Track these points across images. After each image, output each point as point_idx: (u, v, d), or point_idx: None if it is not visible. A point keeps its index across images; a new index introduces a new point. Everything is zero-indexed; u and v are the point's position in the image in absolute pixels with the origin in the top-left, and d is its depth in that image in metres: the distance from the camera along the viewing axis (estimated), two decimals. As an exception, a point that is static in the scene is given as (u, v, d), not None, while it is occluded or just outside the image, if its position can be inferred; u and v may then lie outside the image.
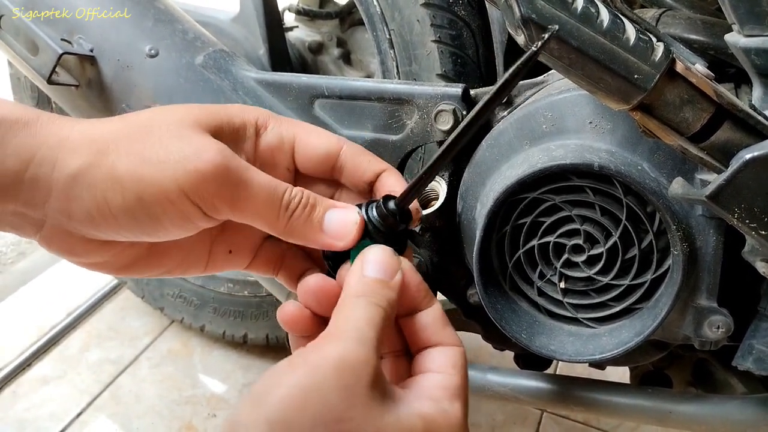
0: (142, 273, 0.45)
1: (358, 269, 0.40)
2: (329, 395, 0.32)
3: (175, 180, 0.38)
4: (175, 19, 0.70)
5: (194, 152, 0.39)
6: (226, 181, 0.39)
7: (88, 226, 0.39)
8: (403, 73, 0.76)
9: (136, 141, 0.39)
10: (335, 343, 0.34)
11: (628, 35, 0.38)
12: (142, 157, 0.38)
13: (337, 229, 0.43)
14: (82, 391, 1.27)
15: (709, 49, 0.53)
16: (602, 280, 0.54)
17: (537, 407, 1.22)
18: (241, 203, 0.40)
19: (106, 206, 0.38)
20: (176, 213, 0.39)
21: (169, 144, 0.39)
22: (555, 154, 0.51)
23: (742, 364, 0.54)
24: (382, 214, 0.43)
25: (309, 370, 0.33)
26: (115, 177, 0.38)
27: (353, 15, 1.17)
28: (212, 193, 0.39)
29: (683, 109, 0.40)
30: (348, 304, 0.38)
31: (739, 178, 0.38)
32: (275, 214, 0.41)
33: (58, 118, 0.40)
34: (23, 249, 1.76)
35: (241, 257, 0.48)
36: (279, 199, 0.41)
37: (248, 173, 0.40)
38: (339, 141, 0.46)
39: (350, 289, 0.39)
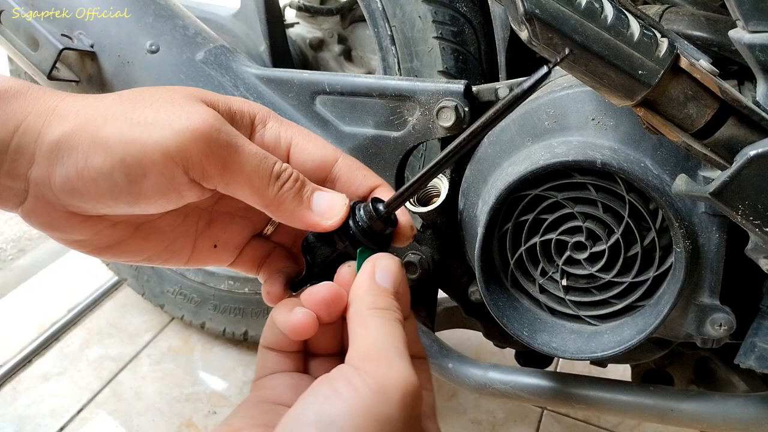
0: (122, 256, 0.44)
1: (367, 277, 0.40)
2: (397, 426, 0.32)
3: (162, 140, 0.37)
4: (176, 15, 0.70)
5: (185, 114, 0.38)
6: (216, 142, 0.38)
7: (68, 194, 0.38)
8: (405, 70, 0.76)
9: (125, 107, 0.38)
10: (391, 368, 0.34)
11: (632, 31, 0.38)
12: (130, 120, 0.38)
13: (325, 208, 0.42)
14: (83, 388, 1.27)
15: (713, 45, 0.52)
16: (604, 278, 0.54)
17: (538, 405, 1.22)
18: (231, 167, 0.39)
19: (86, 167, 0.37)
20: (159, 176, 0.38)
21: (160, 108, 0.38)
22: (557, 151, 0.51)
23: (744, 362, 0.54)
24: (370, 215, 0.42)
25: (377, 397, 0.32)
26: (100, 139, 0.37)
27: (354, 11, 1.17)
28: (201, 153, 0.38)
29: (687, 105, 0.39)
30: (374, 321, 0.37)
31: (743, 174, 0.38)
32: (265, 182, 0.40)
33: (48, 90, 0.39)
34: (23, 246, 1.76)
35: (226, 253, 0.48)
36: (270, 168, 0.40)
37: (239, 138, 0.39)
38: (335, 152, 0.46)
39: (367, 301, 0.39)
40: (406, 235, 0.46)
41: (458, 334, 0.92)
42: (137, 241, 0.44)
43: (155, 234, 0.44)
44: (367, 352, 0.35)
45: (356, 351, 0.35)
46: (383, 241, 0.44)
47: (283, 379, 0.40)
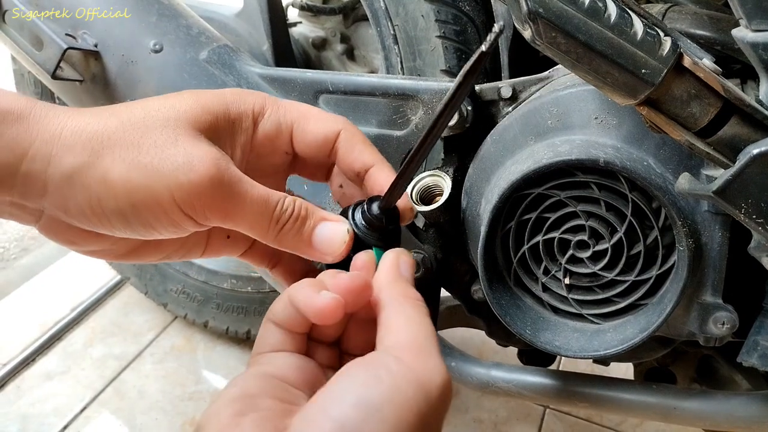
0: (141, 259, 0.46)
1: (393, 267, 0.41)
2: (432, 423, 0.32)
3: (168, 190, 0.38)
4: (179, 15, 0.70)
5: (187, 162, 0.39)
6: (219, 194, 0.39)
7: (84, 223, 0.40)
8: (407, 69, 0.76)
9: (131, 144, 0.39)
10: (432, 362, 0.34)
11: (636, 30, 0.38)
12: (136, 164, 0.38)
13: (326, 244, 0.43)
14: (86, 387, 1.28)
15: (715, 44, 0.52)
16: (607, 276, 0.54)
17: (541, 403, 1.22)
18: (233, 214, 0.40)
19: (100, 208, 0.38)
20: (168, 221, 0.39)
21: (164, 150, 0.39)
22: (560, 150, 0.51)
23: (747, 361, 0.54)
24: (368, 219, 0.43)
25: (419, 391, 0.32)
26: (109, 182, 0.38)
27: (357, 11, 1.17)
28: (204, 204, 0.39)
29: (690, 104, 0.39)
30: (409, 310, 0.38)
31: (747, 173, 0.38)
32: (266, 226, 0.42)
33: (51, 110, 0.39)
34: (26, 245, 1.76)
35: (239, 243, 0.49)
36: (271, 212, 0.41)
37: (241, 186, 0.40)
38: (336, 125, 0.46)
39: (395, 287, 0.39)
40: (404, 216, 0.47)
41: (460, 333, 0.92)
42: (152, 245, 0.45)
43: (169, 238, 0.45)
44: (407, 342, 0.35)
45: (395, 340, 0.35)
46: (391, 237, 0.44)
47: (288, 359, 0.39)
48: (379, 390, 0.31)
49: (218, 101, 0.44)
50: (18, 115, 0.37)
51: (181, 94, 0.43)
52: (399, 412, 0.31)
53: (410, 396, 0.31)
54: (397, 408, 0.31)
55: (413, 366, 0.33)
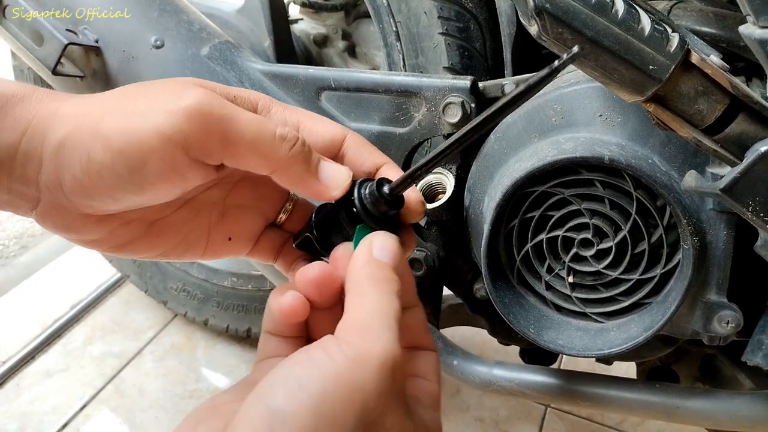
0: (138, 253, 0.45)
1: (365, 251, 0.39)
2: (371, 396, 0.31)
3: (157, 125, 0.37)
4: (181, 11, 0.69)
5: (177, 96, 0.38)
6: (211, 117, 0.37)
7: (79, 194, 0.38)
8: (410, 66, 0.75)
9: (123, 99, 0.39)
10: (373, 339, 0.33)
11: (643, 25, 0.37)
12: (126, 112, 0.38)
13: (331, 177, 0.41)
14: (86, 385, 1.28)
15: (721, 41, 0.52)
16: (611, 275, 0.53)
17: (543, 402, 1.22)
18: (232, 137, 0.38)
19: (89, 163, 0.37)
20: (159, 162, 0.37)
21: (154, 96, 0.38)
22: (564, 147, 0.51)
23: (751, 360, 0.53)
24: (374, 195, 0.41)
25: (352, 366, 0.31)
26: (99, 133, 0.37)
27: (358, 7, 1.17)
28: (199, 130, 0.37)
29: (698, 100, 0.39)
30: (368, 291, 0.36)
31: (754, 170, 0.38)
32: (271, 145, 0.39)
33: (52, 93, 0.40)
34: (26, 242, 1.76)
35: (240, 244, 0.48)
36: (272, 130, 0.39)
37: (234, 108, 0.39)
38: (343, 130, 0.46)
39: (363, 272, 0.37)
40: (417, 211, 0.45)
41: (461, 332, 0.92)
42: (151, 238, 0.44)
43: (169, 230, 0.44)
44: (353, 322, 0.34)
45: (343, 321, 0.35)
46: (390, 223, 0.43)
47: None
48: (309, 368, 0.31)
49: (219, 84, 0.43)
50: (20, 98, 0.38)
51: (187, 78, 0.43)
52: (326, 386, 0.30)
53: (341, 371, 0.30)
54: (323, 383, 0.30)
55: (352, 344, 0.32)
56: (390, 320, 0.34)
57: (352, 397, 0.30)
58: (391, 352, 0.32)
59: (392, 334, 0.33)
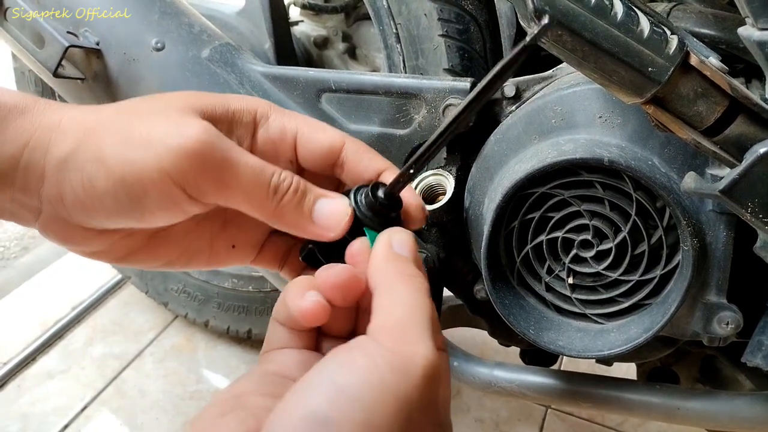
0: (141, 263, 0.45)
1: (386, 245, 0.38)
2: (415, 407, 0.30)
3: (158, 159, 0.37)
4: (181, 13, 0.70)
5: (178, 130, 0.38)
6: (210, 159, 0.38)
7: (80, 212, 0.39)
8: (410, 68, 0.75)
9: (124, 122, 0.39)
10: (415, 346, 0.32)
11: (642, 27, 0.38)
12: (127, 138, 0.38)
13: (327, 219, 0.41)
14: (87, 386, 1.28)
15: (720, 43, 0.52)
16: (611, 276, 0.53)
17: (543, 403, 1.22)
18: (227, 183, 0.39)
19: (92, 188, 0.37)
20: (159, 194, 0.38)
21: (155, 123, 0.38)
22: (564, 149, 0.51)
23: (751, 361, 0.53)
24: (370, 202, 0.42)
25: (398, 377, 0.30)
26: (100, 158, 0.37)
27: (359, 9, 1.17)
28: (196, 171, 0.37)
29: (697, 102, 0.39)
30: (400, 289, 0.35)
31: (754, 172, 0.38)
32: (264, 195, 0.40)
33: (54, 104, 0.40)
34: (27, 244, 1.76)
35: (244, 253, 0.48)
36: (267, 180, 0.40)
37: (234, 152, 0.39)
38: (342, 137, 0.45)
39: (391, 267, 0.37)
40: (417, 217, 0.45)
41: (462, 333, 0.92)
42: (153, 249, 0.44)
43: (170, 241, 0.44)
44: (392, 324, 0.33)
45: (379, 321, 0.34)
46: (390, 222, 0.43)
47: (292, 355, 0.38)
48: (354, 374, 0.30)
49: (218, 96, 0.43)
50: (22, 110, 0.38)
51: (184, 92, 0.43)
52: (376, 395, 0.29)
53: (387, 379, 0.30)
54: (375, 393, 0.29)
55: (393, 348, 0.31)
56: (426, 320, 0.34)
57: (399, 408, 0.30)
58: (432, 360, 0.32)
59: (430, 337, 0.33)
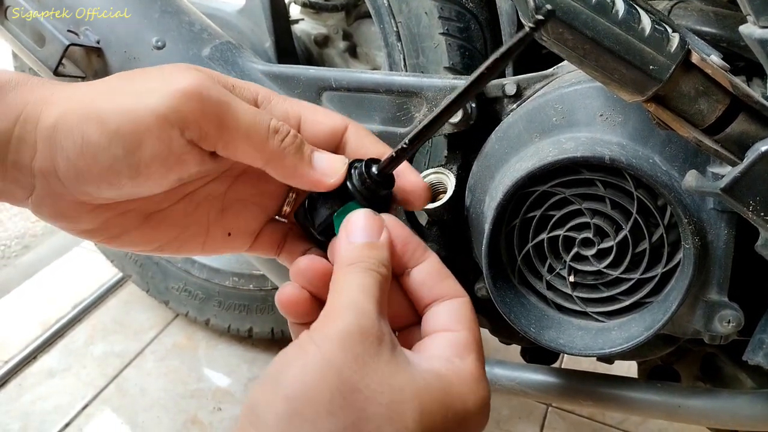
0: (133, 245, 0.45)
1: (343, 237, 0.40)
2: (342, 367, 0.33)
3: (155, 104, 0.37)
4: (182, 11, 0.69)
5: (175, 78, 0.38)
6: (208, 100, 0.38)
7: (74, 179, 0.38)
8: (411, 66, 0.75)
9: (117, 83, 0.39)
10: (337, 319, 0.35)
11: (644, 25, 0.37)
12: (121, 92, 0.38)
13: (326, 165, 0.42)
14: (88, 384, 1.28)
15: (721, 41, 0.52)
16: (612, 274, 0.53)
17: (544, 401, 1.22)
18: (227, 123, 0.39)
19: (84, 146, 0.37)
20: (156, 142, 0.37)
21: (150, 77, 0.39)
22: (565, 147, 0.51)
23: (752, 359, 0.53)
24: (362, 175, 0.42)
25: (318, 348, 0.33)
26: (94, 113, 0.37)
27: (359, 7, 1.17)
28: (195, 110, 0.37)
29: (698, 100, 0.39)
30: (341, 276, 0.38)
31: (755, 170, 0.38)
32: (264, 136, 0.40)
33: (46, 80, 0.40)
34: (28, 242, 1.76)
35: (240, 240, 0.48)
36: (267, 122, 0.40)
37: (231, 96, 0.39)
38: (344, 120, 0.46)
39: (340, 259, 0.39)
40: (420, 197, 0.46)
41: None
42: (147, 230, 0.44)
43: (166, 223, 0.44)
44: (327, 308, 0.36)
45: (319, 321, 0.36)
46: (381, 203, 0.44)
47: None
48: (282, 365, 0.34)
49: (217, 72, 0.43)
50: (14, 85, 0.38)
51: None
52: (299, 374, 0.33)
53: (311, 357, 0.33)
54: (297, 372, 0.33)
55: (317, 328, 0.35)
56: (358, 297, 0.36)
57: (326, 378, 0.32)
58: (355, 324, 0.34)
59: (359, 308, 0.35)
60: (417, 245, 0.42)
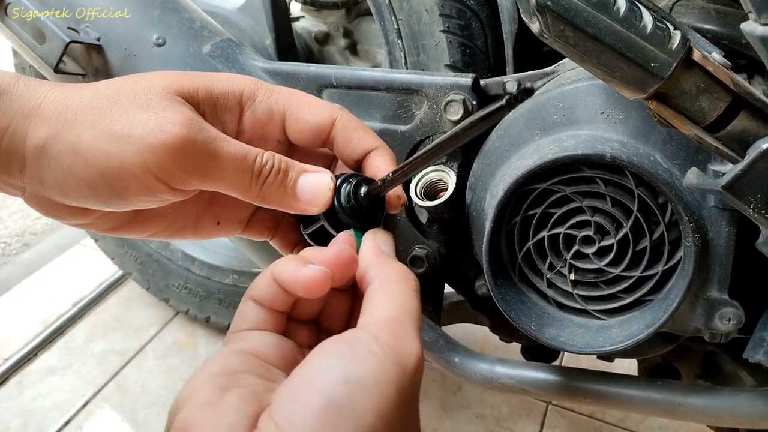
0: (128, 235, 0.46)
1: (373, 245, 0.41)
2: (409, 399, 0.34)
3: (139, 155, 0.37)
4: (182, 8, 0.69)
5: (158, 125, 0.38)
6: (193, 154, 0.38)
7: (60, 195, 0.39)
8: (411, 64, 0.75)
9: (103, 113, 0.38)
10: (408, 341, 0.35)
11: (645, 23, 0.37)
12: (106, 132, 0.38)
13: (310, 194, 0.42)
14: (88, 382, 1.28)
15: (723, 38, 0.52)
16: (612, 272, 0.53)
17: (544, 399, 1.22)
18: (211, 174, 0.39)
19: (70, 176, 0.38)
20: (140, 188, 0.38)
21: (135, 116, 0.38)
22: (566, 145, 0.51)
23: (752, 357, 0.53)
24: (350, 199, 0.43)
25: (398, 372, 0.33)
26: (79, 150, 0.37)
27: (360, 5, 1.17)
28: (179, 166, 0.38)
29: (699, 98, 0.39)
30: (396, 288, 0.38)
31: (756, 168, 0.38)
32: (247, 182, 0.41)
33: (34, 84, 0.39)
34: (28, 240, 1.76)
35: (230, 229, 0.49)
36: (250, 166, 0.40)
37: (216, 143, 0.39)
38: (332, 113, 0.45)
39: (388, 267, 0.39)
40: (394, 205, 0.47)
41: (463, 329, 0.92)
42: (139, 223, 0.45)
43: (155, 217, 0.45)
44: (389, 321, 0.35)
45: (376, 317, 0.36)
46: (371, 221, 0.44)
47: (266, 338, 0.39)
48: (365, 368, 0.32)
49: (203, 77, 0.43)
50: (2, 91, 0.38)
51: (168, 71, 0.43)
52: (384, 388, 0.32)
53: (392, 374, 0.33)
54: (382, 385, 0.32)
55: (393, 345, 0.34)
56: (417, 321, 0.37)
57: (400, 398, 0.33)
58: (420, 357, 0.35)
59: (419, 337, 0.36)
60: None
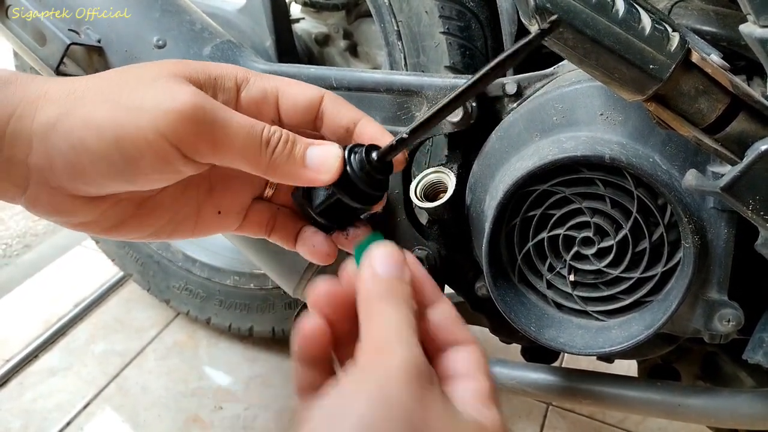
0: (129, 234, 0.46)
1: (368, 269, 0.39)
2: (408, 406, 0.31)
3: (154, 122, 0.38)
4: (183, 10, 0.69)
5: (169, 96, 0.39)
6: (204, 120, 0.39)
7: (70, 176, 0.39)
8: (411, 65, 0.75)
9: (112, 91, 0.40)
10: (392, 355, 0.33)
11: (644, 25, 0.38)
12: (118, 104, 0.39)
13: (319, 162, 0.43)
14: (89, 383, 1.28)
15: (722, 40, 0.52)
16: (612, 273, 0.53)
17: (545, 400, 1.22)
18: (222, 141, 0.40)
19: (84, 150, 0.38)
20: (155, 156, 0.39)
21: (144, 92, 0.39)
22: (566, 146, 0.51)
23: (752, 358, 0.53)
24: (362, 162, 0.43)
25: (379, 385, 0.31)
26: (92, 123, 0.38)
27: (360, 6, 1.17)
28: (191, 132, 0.39)
29: (698, 99, 0.39)
30: (378, 310, 0.36)
31: (755, 169, 0.38)
32: (257, 150, 0.41)
33: (37, 77, 0.40)
34: (29, 241, 1.76)
35: (230, 218, 0.49)
36: (259, 135, 0.41)
37: (225, 112, 0.40)
38: (320, 91, 0.47)
39: (369, 291, 0.37)
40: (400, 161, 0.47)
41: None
42: (141, 217, 0.45)
43: (158, 208, 0.46)
44: (369, 345, 0.34)
45: (361, 347, 0.35)
46: (379, 186, 0.45)
47: None
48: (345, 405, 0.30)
49: (200, 64, 0.44)
50: (5, 82, 0.39)
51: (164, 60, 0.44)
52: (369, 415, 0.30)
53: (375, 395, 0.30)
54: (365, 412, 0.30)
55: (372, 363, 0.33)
56: (404, 331, 0.34)
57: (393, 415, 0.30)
58: (411, 359, 0.32)
59: (409, 344, 0.33)
60: (433, 286, 0.42)
